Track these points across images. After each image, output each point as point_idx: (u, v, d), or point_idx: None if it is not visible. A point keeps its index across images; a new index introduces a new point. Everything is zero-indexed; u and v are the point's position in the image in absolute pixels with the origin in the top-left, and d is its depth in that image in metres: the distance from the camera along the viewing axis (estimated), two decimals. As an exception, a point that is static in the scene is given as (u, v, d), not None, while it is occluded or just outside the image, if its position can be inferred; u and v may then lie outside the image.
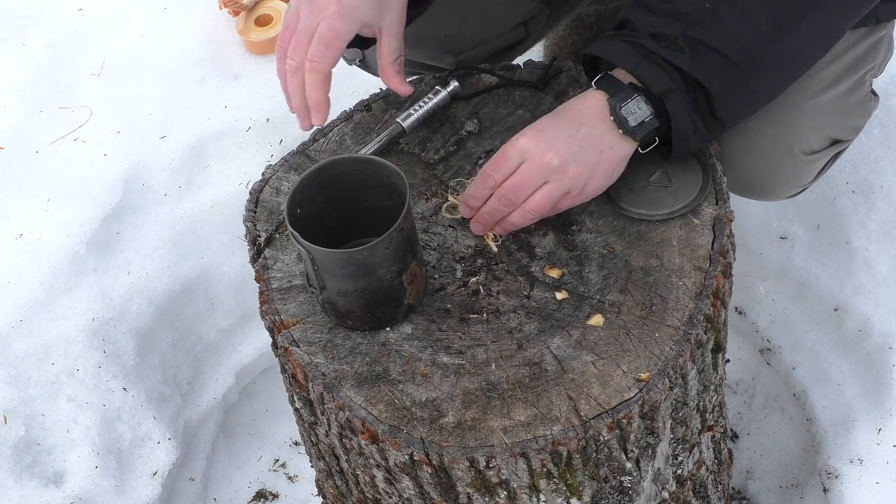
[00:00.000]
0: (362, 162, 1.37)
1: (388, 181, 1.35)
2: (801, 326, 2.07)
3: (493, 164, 1.39)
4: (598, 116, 1.38)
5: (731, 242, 1.44)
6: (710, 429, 1.54)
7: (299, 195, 1.33)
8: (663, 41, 1.34)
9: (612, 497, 1.39)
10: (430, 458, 1.28)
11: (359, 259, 1.29)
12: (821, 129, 1.58)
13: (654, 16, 1.36)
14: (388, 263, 1.31)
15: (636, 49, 1.36)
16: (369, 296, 1.34)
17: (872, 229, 1.98)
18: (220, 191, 2.16)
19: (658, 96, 1.35)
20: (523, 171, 1.37)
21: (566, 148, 1.36)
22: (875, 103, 1.66)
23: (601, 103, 1.38)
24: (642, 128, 1.37)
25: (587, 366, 1.31)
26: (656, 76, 1.34)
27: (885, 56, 1.64)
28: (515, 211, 1.39)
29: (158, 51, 2.37)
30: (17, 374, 1.89)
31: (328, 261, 1.30)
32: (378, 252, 1.29)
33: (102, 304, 1.98)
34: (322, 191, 1.35)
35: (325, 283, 1.33)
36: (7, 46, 2.41)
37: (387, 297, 1.35)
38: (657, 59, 1.34)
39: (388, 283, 1.33)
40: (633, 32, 1.37)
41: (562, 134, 1.37)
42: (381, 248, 1.29)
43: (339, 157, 1.37)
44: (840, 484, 1.86)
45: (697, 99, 1.36)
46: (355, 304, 1.34)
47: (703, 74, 1.34)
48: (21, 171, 2.17)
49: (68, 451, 1.87)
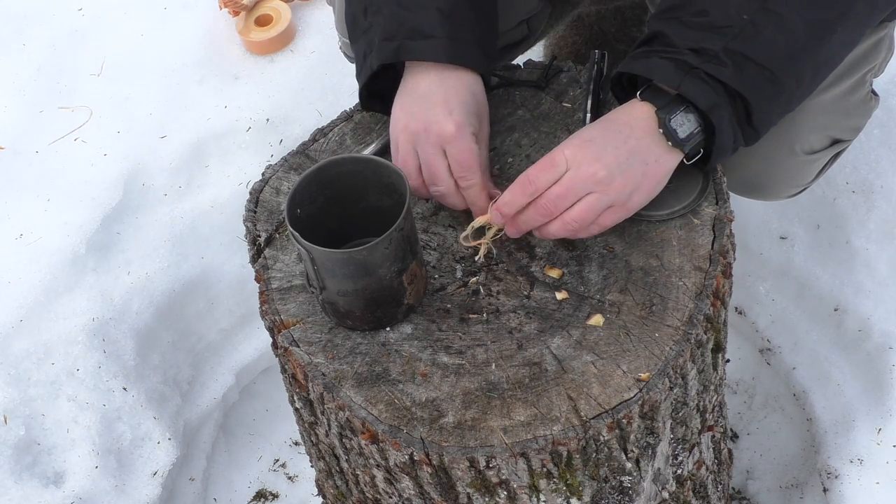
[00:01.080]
0: (362, 162, 1.37)
1: (389, 181, 1.35)
2: (801, 326, 2.07)
3: (537, 170, 1.35)
4: (646, 128, 1.35)
5: (731, 242, 1.44)
6: (710, 429, 1.54)
7: (299, 195, 1.32)
8: (704, 55, 1.32)
9: (612, 497, 1.39)
10: (430, 458, 1.28)
11: (359, 259, 1.29)
12: (821, 128, 1.58)
13: (691, 30, 1.34)
14: (388, 263, 1.31)
15: (678, 66, 1.33)
16: (369, 296, 1.34)
17: (872, 229, 1.98)
18: (220, 191, 2.16)
19: (704, 111, 1.33)
20: (567, 181, 1.33)
21: (613, 159, 1.33)
22: (875, 103, 1.66)
23: (649, 115, 1.35)
24: (691, 140, 1.35)
25: (587, 366, 1.31)
26: (702, 92, 1.32)
27: (885, 56, 1.64)
28: (555, 221, 1.35)
29: (158, 51, 2.37)
30: (17, 374, 1.89)
31: (328, 261, 1.30)
32: (378, 252, 1.29)
33: (102, 304, 1.98)
34: (322, 191, 1.35)
35: (325, 283, 1.32)
36: (7, 46, 2.41)
37: (387, 297, 1.35)
38: (700, 74, 1.32)
39: (388, 283, 1.33)
40: (671, 48, 1.34)
41: (609, 145, 1.34)
42: (382, 248, 1.29)
43: (340, 156, 1.37)
44: (840, 484, 1.86)
45: (738, 111, 1.34)
46: (355, 304, 1.34)
47: (747, 88, 1.32)
48: (21, 171, 2.18)
49: (68, 451, 1.87)
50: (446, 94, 1.41)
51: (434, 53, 1.42)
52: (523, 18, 1.77)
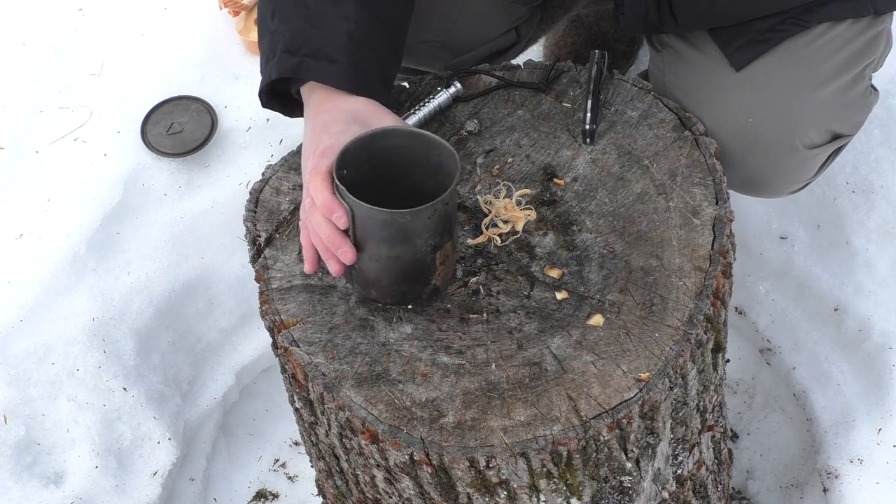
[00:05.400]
0: (417, 137, 1.35)
1: (438, 160, 1.33)
2: (801, 326, 2.07)
3: None
4: None
5: (731, 242, 1.44)
6: (710, 429, 1.54)
7: (348, 157, 1.31)
8: None
9: (612, 497, 1.39)
10: (430, 458, 1.28)
11: (401, 222, 1.28)
12: (821, 122, 1.59)
13: None
14: (426, 235, 1.30)
15: None
16: (401, 266, 1.33)
17: (872, 229, 1.98)
18: (220, 191, 2.16)
19: None
20: None
21: None
22: (875, 97, 1.66)
23: None
24: None
25: (587, 366, 1.31)
26: None
27: (884, 50, 1.64)
28: None
29: (158, 51, 2.37)
30: (17, 374, 1.89)
31: (369, 220, 1.28)
32: (420, 219, 1.28)
33: (102, 304, 1.98)
34: (370, 158, 1.33)
35: (359, 244, 1.31)
36: (7, 46, 2.41)
37: (417, 272, 1.34)
38: None
39: (421, 256, 1.32)
40: None
41: None
42: (424, 217, 1.28)
43: (396, 128, 1.35)
44: (840, 484, 1.86)
45: None
46: (385, 273, 1.33)
47: None
48: (21, 171, 2.17)
49: (68, 451, 1.87)
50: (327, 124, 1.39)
51: (336, 80, 1.41)
52: (511, 26, 1.77)
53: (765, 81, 1.54)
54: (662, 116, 1.55)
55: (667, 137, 1.52)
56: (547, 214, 1.48)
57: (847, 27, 1.54)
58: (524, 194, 1.49)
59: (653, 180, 1.48)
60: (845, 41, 1.54)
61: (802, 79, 1.50)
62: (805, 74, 1.49)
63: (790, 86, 1.48)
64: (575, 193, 1.49)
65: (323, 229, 1.32)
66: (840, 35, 1.54)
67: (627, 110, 1.56)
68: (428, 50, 1.72)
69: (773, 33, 1.52)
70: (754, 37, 1.53)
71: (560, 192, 1.50)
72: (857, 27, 1.55)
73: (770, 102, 1.48)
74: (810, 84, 1.53)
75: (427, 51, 1.72)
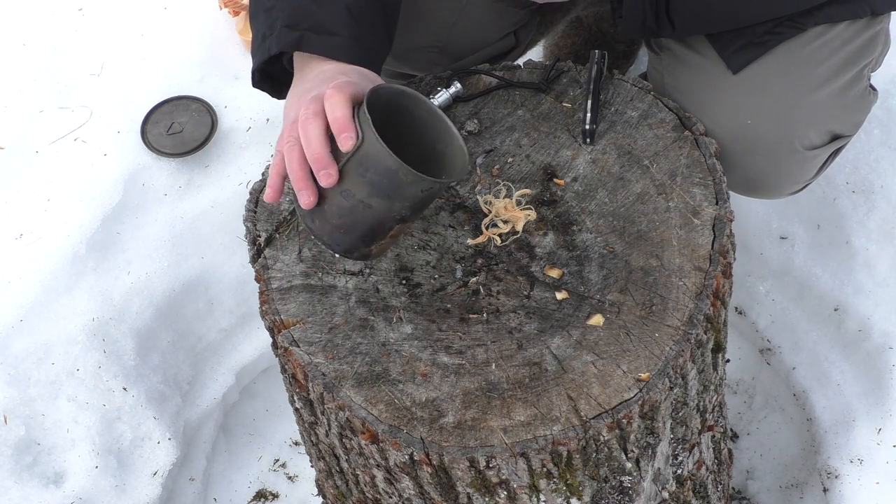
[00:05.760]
0: (436, 117, 1.34)
1: (443, 149, 1.33)
2: (801, 326, 2.07)
3: None
4: None
5: (731, 242, 1.44)
6: (710, 429, 1.54)
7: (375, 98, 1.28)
8: None
9: (612, 497, 1.39)
10: (430, 458, 1.28)
11: (401, 178, 1.25)
12: (821, 123, 1.59)
13: None
14: (408, 203, 1.29)
15: None
16: (364, 215, 1.29)
17: (872, 229, 1.98)
18: (220, 191, 2.16)
19: None
20: None
21: None
22: (874, 98, 1.66)
23: None
24: None
25: (587, 366, 1.31)
26: None
27: (882, 50, 1.64)
28: None
29: (158, 51, 2.37)
30: (17, 374, 1.89)
31: (373, 158, 1.25)
32: (417, 186, 1.27)
33: (102, 304, 1.98)
34: (383, 109, 1.30)
35: (341, 176, 1.27)
36: (7, 46, 2.41)
37: (371, 229, 1.31)
38: None
39: (387, 217, 1.30)
40: None
41: None
42: (423, 186, 1.27)
43: (423, 98, 1.33)
44: (840, 484, 1.86)
45: None
46: (345, 214, 1.29)
47: None
48: (21, 171, 2.17)
49: (68, 451, 1.87)
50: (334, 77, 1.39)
51: (336, 52, 1.41)
52: (510, 30, 1.77)
53: (763, 83, 1.54)
54: (662, 116, 1.55)
55: (667, 137, 1.52)
56: (547, 214, 1.48)
57: (844, 28, 1.54)
58: (524, 194, 1.49)
59: (653, 180, 1.48)
60: (843, 42, 1.54)
61: (800, 80, 1.50)
62: (803, 76, 1.49)
63: (788, 87, 1.48)
64: (575, 193, 1.49)
65: (313, 145, 1.28)
66: (837, 36, 1.54)
67: (627, 110, 1.56)
68: (426, 55, 1.72)
69: (770, 36, 1.52)
70: (751, 39, 1.53)
71: (560, 192, 1.50)
72: (854, 28, 1.55)
73: (769, 104, 1.48)
74: (809, 85, 1.53)
75: (425, 56, 1.72)
